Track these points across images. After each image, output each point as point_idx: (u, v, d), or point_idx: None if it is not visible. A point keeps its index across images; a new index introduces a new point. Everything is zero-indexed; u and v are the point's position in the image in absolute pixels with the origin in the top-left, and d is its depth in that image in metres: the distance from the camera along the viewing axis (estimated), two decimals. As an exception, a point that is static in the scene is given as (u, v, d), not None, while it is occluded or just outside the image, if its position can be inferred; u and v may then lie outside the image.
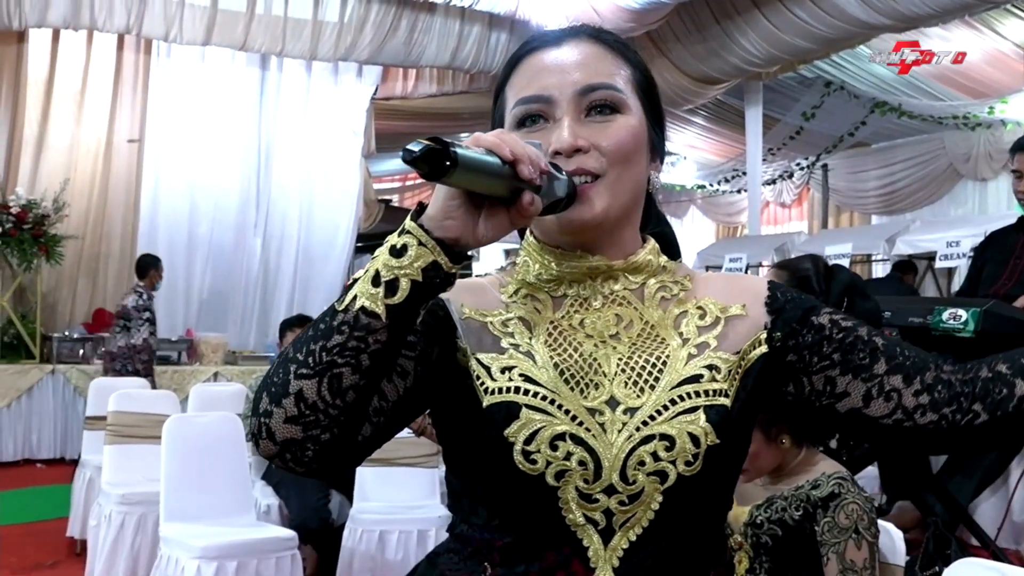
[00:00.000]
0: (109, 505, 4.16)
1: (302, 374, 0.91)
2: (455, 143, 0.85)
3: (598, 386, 0.98)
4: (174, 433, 3.66)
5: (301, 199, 10.05)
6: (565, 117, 1.02)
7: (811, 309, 1.04)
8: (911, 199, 12.06)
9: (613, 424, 0.96)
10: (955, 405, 0.97)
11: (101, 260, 8.98)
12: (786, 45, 8.87)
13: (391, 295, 0.90)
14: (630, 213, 1.07)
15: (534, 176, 0.90)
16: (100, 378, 5.88)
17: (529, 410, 0.96)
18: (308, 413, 0.91)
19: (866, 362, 1.00)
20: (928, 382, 0.98)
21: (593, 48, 1.06)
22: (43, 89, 8.80)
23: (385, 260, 0.91)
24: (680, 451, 0.94)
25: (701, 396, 0.97)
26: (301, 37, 9.21)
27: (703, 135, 13.26)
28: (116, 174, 9.15)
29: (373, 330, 0.90)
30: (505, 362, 1.00)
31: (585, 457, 0.94)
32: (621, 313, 1.05)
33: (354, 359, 0.90)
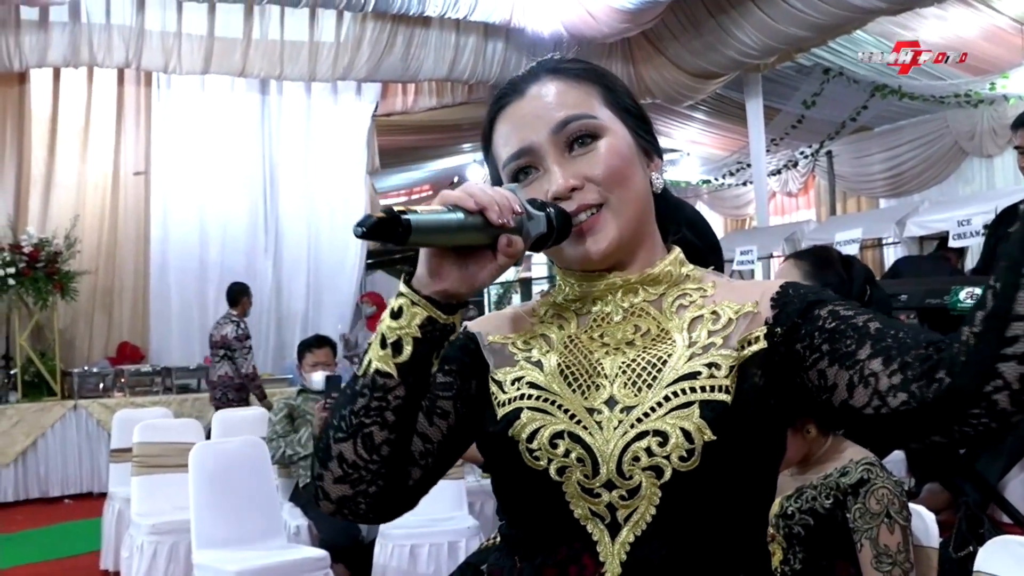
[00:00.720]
0: (140, 536, 4.18)
1: (339, 438, 1.01)
2: (409, 209, 0.90)
3: (599, 387, 1.02)
4: (200, 460, 3.68)
5: (309, 220, 10.09)
6: (552, 161, 1.06)
7: (817, 302, 1.00)
8: (918, 180, 12.03)
9: (610, 422, 0.99)
10: (924, 380, 0.85)
11: (115, 293, 9.04)
12: (781, 35, 8.87)
13: (398, 354, 0.99)
14: (642, 226, 1.09)
15: (504, 219, 0.96)
16: (122, 410, 5.90)
17: (530, 411, 1.02)
18: (351, 472, 1.01)
19: (851, 348, 0.92)
20: (908, 360, 0.88)
21: (554, 84, 1.09)
22: (47, 127, 8.87)
23: (388, 323, 1.00)
24: (674, 447, 0.95)
25: (697, 392, 0.97)
26: (299, 59, 9.27)
27: (705, 130, 13.26)
28: (125, 207, 9.21)
29: (390, 388, 0.99)
30: (515, 374, 1.07)
31: (582, 454, 0.98)
32: (639, 324, 1.07)
33: (379, 417, 1.00)
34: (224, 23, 8.94)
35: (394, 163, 12.13)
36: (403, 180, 14.85)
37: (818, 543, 1.88)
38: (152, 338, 9.21)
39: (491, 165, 1.15)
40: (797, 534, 1.90)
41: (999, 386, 0.80)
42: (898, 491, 1.86)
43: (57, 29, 8.28)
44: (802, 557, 1.90)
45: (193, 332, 9.38)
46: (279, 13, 9.11)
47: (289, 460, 4.52)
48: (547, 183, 1.05)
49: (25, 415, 7.35)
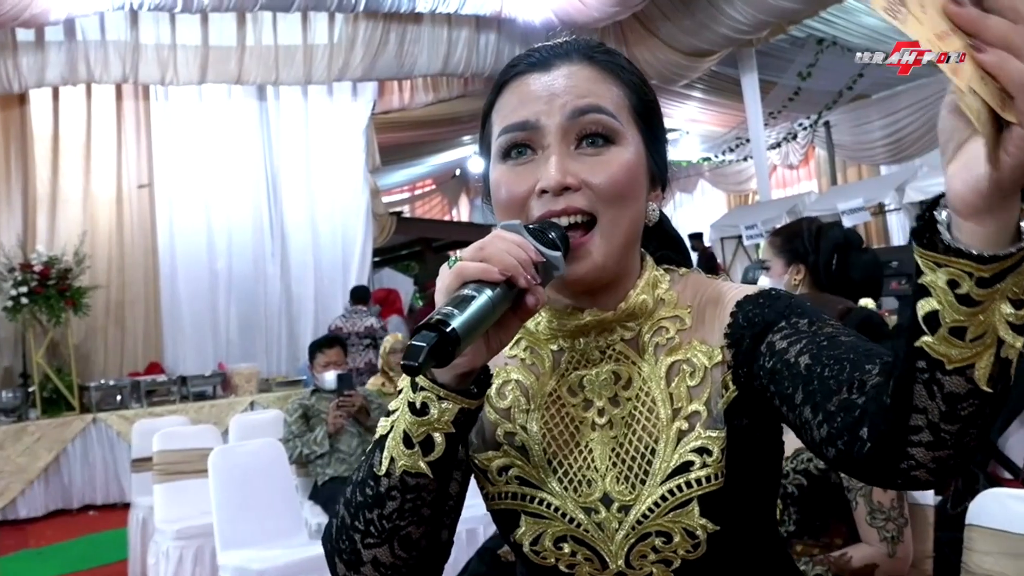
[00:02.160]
0: (166, 542, 4.27)
1: (370, 544, 0.92)
2: (446, 316, 0.80)
3: (591, 483, 0.97)
4: (220, 464, 3.75)
5: (313, 222, 10.15)
6: (553, 149, 0.95)
7: (764, 331, 0.93)
8: (918, 144, 12.02)
9: (609, 523, 0.95)
10: (848, 436, 0.80)
11: (127, 306, 9.13)
12: (772, 8, 8.88)
13: (429, 452, 0.88)
14: (628, 254, 1.00)
15: (533, 280, 0.86)
16: (141, 421, 5.99)
17: (528, 516, 0.98)
18: (391, 573, 0.94)
19: (789, 392, 0.88)
20: (831, 409, 0.82)
21: (585, 69, 0.98)
22: (50, 146, 8.94)
23: (410, 420, 0.88)
24: (679, 544, 0.93)
25: (692, 486, 0.92)
26: (294, 63, 9.32)
27: (703, 108, 13.27)
28: (131, 220, 9.29)
29: (423, 487, 0.90)
30: (500, 461, 1.00)
31: (589, 554, 0.96)
32: (618, 370, 0.99)
33: (416, 516, 0.91)
34: (218, 32, 9.00)
35: (395, 160, 12.19)
36: (405, 176, 14.90)
37: (812, 503, 1.94)
38: (166, 347, 9.30)
39: (484, 132, 1.03)
40: (791, 494, 1.95)
41: (913, 465, 0.75)
42: None
43: (53, 48, 8.35)
44: (796, 518, 1.95)
45: (206, 339, 9.48)
46: (271, 19, 9.17)
47: (306, 459, 4.60)
48: (538, 172, 0.95)
49: (46, 431, 7.45)
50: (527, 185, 0.96)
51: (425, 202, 17.45)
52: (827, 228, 2.29)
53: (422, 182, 16.47)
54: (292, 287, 10.05)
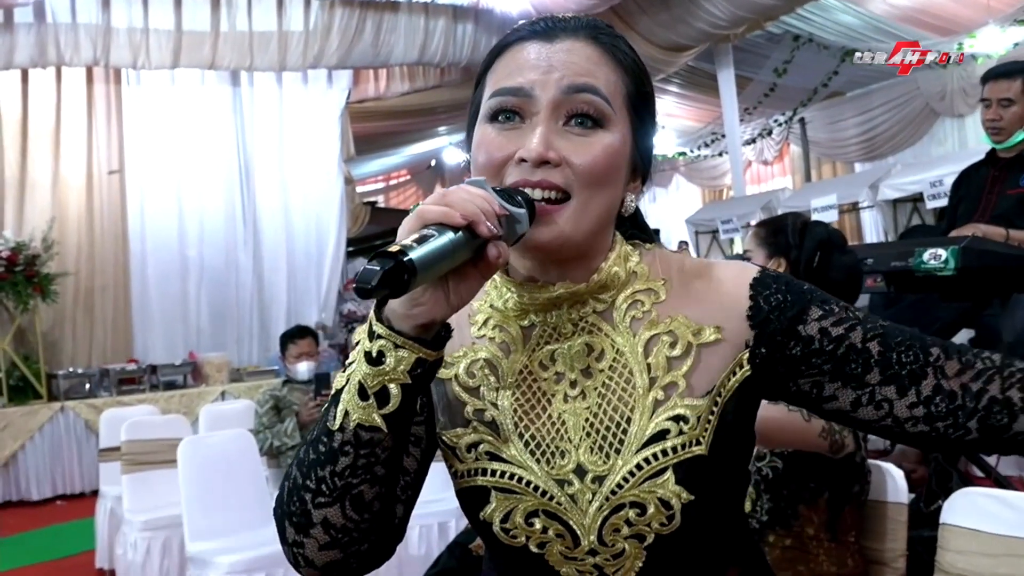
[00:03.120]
0: (133, 533, 4.22)
1: (321, 503, 0.90)
2: (404, 247, 0.79)
3: (564, 454, 0.96)
4: (189, 455, 3.71)
5: (286, 210, 10.07)
6: (540, 120, 0.94)
7: (798, 316, 0.97)
8: (891, 143, 12.11)
9: (583, 494, 0.94)
10: (950, 420, 0.93)
11: (97, 293, 9.01)
12: (749, 4, 8.90)
13: (384, 404, 0.86)
14: (598, 236, 0.99)
15: (495, 229, 0.85)
16: (109, 410, 5.92)
17: (498, 492, 0.96)
18: (341, 536, 0.91)
19: (858, 372, 0.94)
20: (926, 393, 0.93)
21: (587, 48, 0.97)
22: (18, 130, 8.80)
23: (365, 370, 0.86)
24: (653, 515, 0.93)
25: (668, 454, 0.93)
26: (268, 50, 9.22)
27: (679, 102, 13.29)
28: (101, 206, 9.16)
29: (378, 442, 0.88)
30: (470, 438, 0.98)
31: (561, 529, 0.95)
32: (591, 342, 0.99)
33: (368, 474, 0.89)
34: (191, 17, 8.87)
35: (370, 149, 12.10)
36: (380, 166, 14.81)
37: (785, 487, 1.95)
38: (136, 335, 9.19)
39: (475, 98, 1.02)
40: (766, 476, 1.96)
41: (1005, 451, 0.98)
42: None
43: (22, 30, 8.19)
44: (769, 507, 1.96)
45: (176, 328, 9.38)
46: (246, 4, 9.06)
47: (277, 451, 4.56)
48: (522, 141, 0.94)
49: (12, 419, 7.35)
50: (508, 150, 0.95)
51: (400, 192, 17.36)
52: (813, 225, 2.30)
53: (397, 172, 16.39)
54: (264, 276, 9.97)
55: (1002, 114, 3.48)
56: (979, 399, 0.93)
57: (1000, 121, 3.48)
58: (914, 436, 0.95)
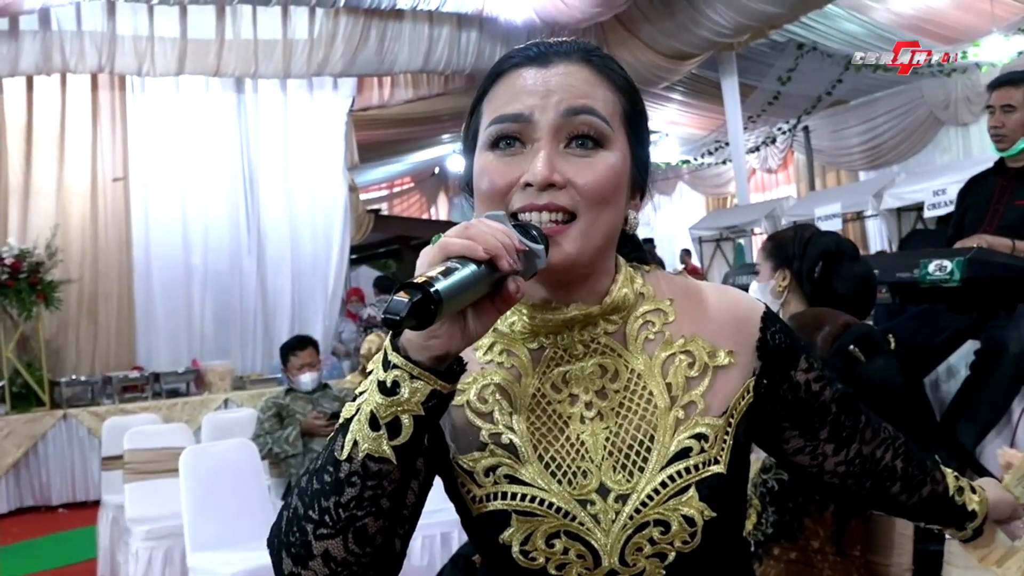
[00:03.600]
0: (135, 542, 4.21)
1: (323, 535, 0.87)
2: (431, 279, 0.79)
3: (586, 474, 0.96)
4: (191, 465, 3.71)
5: (290, 217, 10.07)
6: (543, 144, 0.95)
7: (793, 362, 1.07)
8: (896, 151, 12.11)
9: (606, 514, 0.94)
10: (853, 481, 1.13)
11: (100, 300, 9.02)
12: (753, 12, 8.90)
13: (395, 436, 0.85)
14: (603, 256, 1.00)
15: (515, 264, 0.85)
16: (112, 418, 5.92)
17: (518, 515, 0.95)
18: (340, 570, 0.88)
19: (815, 427, 1.09)
20: (851, 455, 1.11)
21: (582, 70, 0.98)
22: (23, 136, 8.81)
23: (379, 400, 0.85)
24: (676, 533, 0.93)
25: (692, 472, 0.95)
26: (273, 57, 9.23)
27: (683, 110, 13.30)
28: (105, 213, 9.17)
29: (386, 474, 0.86)
30: (487, 462, 0.97)
31: (582, 550, 0.94)
32: (604, 363, 0.99)
33: (374, 507, 0.87)
34: (196, 24, 8.89)
35: (373, 157, 12.11)
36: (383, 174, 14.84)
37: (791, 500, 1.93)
38: (139, 343, 9.20)
39: (472, 121, 1.03)
40: (771, 488, 1.94)
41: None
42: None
43: (28, 37, 8.22)
44: (774, 520, 1.94)
45: (180, 335, 9.37)
46: (251, 12, 9.07)
47: (276, 457, 4.55)
48: (524, 166, 0.95)
49: (15, 427, 7.35)
50: (512, 176, 0.96)
51: (403, 200, 17.39)
52: (818, 235, 2.28)
53: (400, 180, 16.41)
54: (268, 283, 9.97)
55: (1004, 120, 3.47)
56: (877, 464, 1.13)
57: (1002, 128, 3.47)
58: (825, 485, 1.14)
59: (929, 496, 1.21)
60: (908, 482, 1.17)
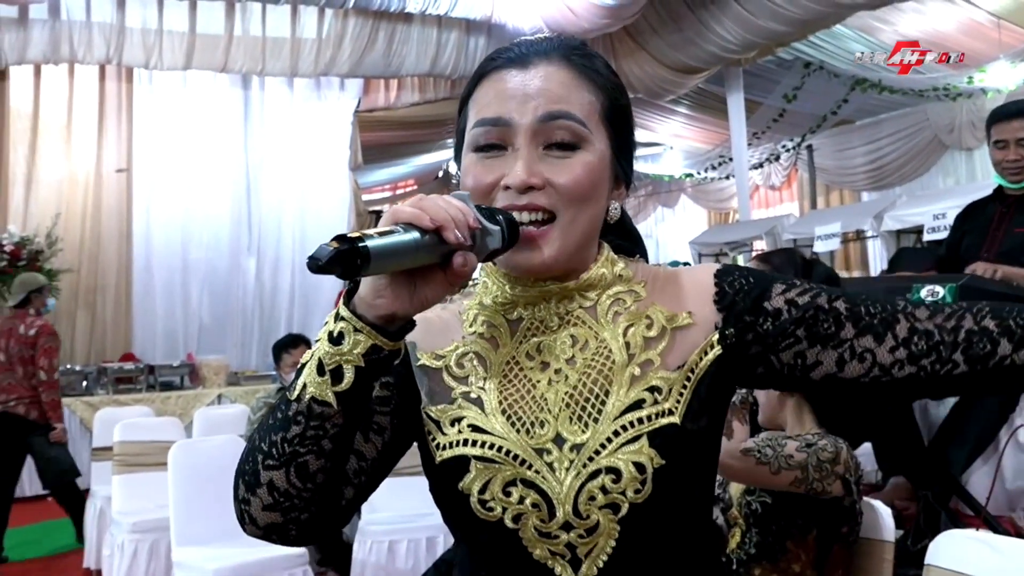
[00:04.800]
0: (121, 534, 4.21)
1: (269, 465, 0.94)
2: (364, 235, 0.83)
3: (543, 424, 0.99)
4: (180, 459, 3.71)
5: (292, 216, 10.10)
6: (522, 148, 0.99)
7: (762, 294, 1.02)
8: (899, 173, 12.11)
9: (561, 463, 0.97)
10: (934, 355, 0.96)
11: (98, 291, 9.03)
12: (761, 29, 8.92)
13: (338, 383, 0.91)
14: (584, 246, 1.05)
15: (461, 239, 0.89)
16: (104, 409, 5.93)
17: (478, 461, 0.98)
18: (283, 500, 0.95)
19: (832, 331, 0.99)
20: (903, 335, 0.97)
21: (561, 72, 1.02)
22: (29, 124, 8.85)
23: (326, 348, 0.92)
24: (627, 481, 0.95)
25: (644, 423, 0.97)
26: (281, 55, 9.26)
27: (687, 124, 13.31)
28: (107, 204, 9.20)
29: (327, 417, 0.92)
30: (454, 413, 1.02)
31: (537, 499, 0.97)
32: (576, 334, 1.04)
33: (315, 446, 0.93)
34: (205, 19, 8.92)
35: (377, 159, 12.12)
36: (386, 175, 14.83)
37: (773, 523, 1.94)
38: (136, 335, 9.21)
39: (460, 120, 1.07)
40: (755, 511, 1.95)
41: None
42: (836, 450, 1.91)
43: (37, 26, 8.25)
44: (757, 540, 1.95)
45: (176, 329, 9.40)
46: (260, 9, 9.11)
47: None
48: (506, 168, 1.00)
49: (8, 413, 7.34)
50: (494, 176, 1.01)
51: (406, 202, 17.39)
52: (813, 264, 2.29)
53: (404, 182, 16.41)
54: (267, 281, 9.99)
55: (1022, 154, 3.45)
56: (956, 333, 0.96)
57: (1021, 161, 3.45)
58: (904, 381, 0.98)
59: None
60: (1015, 333, 0.95)
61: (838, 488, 1.90)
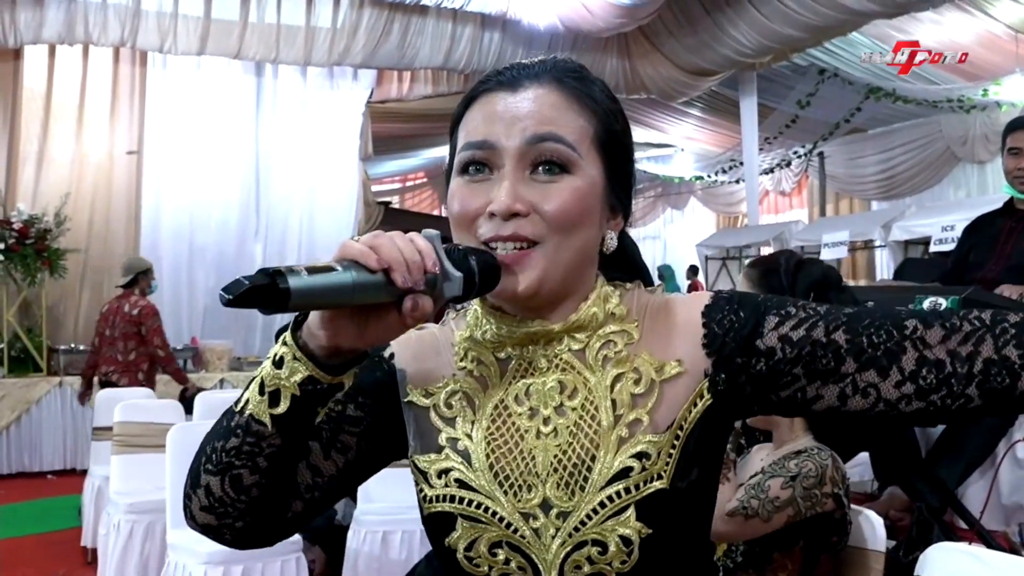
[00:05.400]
0: (118, 514, 4.22)
1: (208, 469, 0.95)
2: (292, 271, 0.79)
3: (531, 488, 0.96)
4: (178, 441, 3.71)
5: (301, 204, 10.11)
6: (507, 172, 0.96)
7: (753, 332, 0.96)
8: (910, 183, 12.08)
9: (547, 529, 0.95)
10: (944, 390, 0.89)
11: (105, 272, 9.04)
12: (777, 35, 8.91)
13: (274, 406, 0.91)
14: (573, 280, 1.00)
15: (409, 283, 0.85)
16: (106, 389, 5.94)
17: (464, 520, 0.97)
18: (217, 506, 0.96)
19: (831, 366, 0.92)
20: (910, 368, 0.90)
21: (552, 94, 0.98)
22: (42, 104, 8.87)
23: (267, 370, 0.91)
24: (614, 554, 0.93)
25: (632, 492, 0.93)
26: (295, 44, 9.28)
27: (700, 126, 13.30)
28: (117, 186, 9.22)
29: (264, 436, 0.92)
30: (442, 464, 0.99)
31: (523, 563, 0.96)
32: (564, 380, 0.99)
33: (250, 462, 0.93)
34: (221, 5, 8.94)
35: (388, 150, 12.14)
36: (396, 167, 14.86)
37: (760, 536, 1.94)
38: (141, 318, 9.22)
39: (452, 142, 1.03)
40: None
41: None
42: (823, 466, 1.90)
43: (53, 6, 8.27)
44: (744, 550, 1.95)
45: (182, 312, 9.43)
46: (276, -3, 9.14)
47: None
48: (491, 194, 0.95)
49: (11, 390, 7.39)
50: (479, 202, 0.97)
51: (416, 195, 17.41)
52: (806, 264, 2.27)
53: (414, 174, 16.43)
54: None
55: None
56: (972, 362, 0.88)
57: None
58: (913, 415, 0.91)
59: None
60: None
61: (830, 505, 1.90)
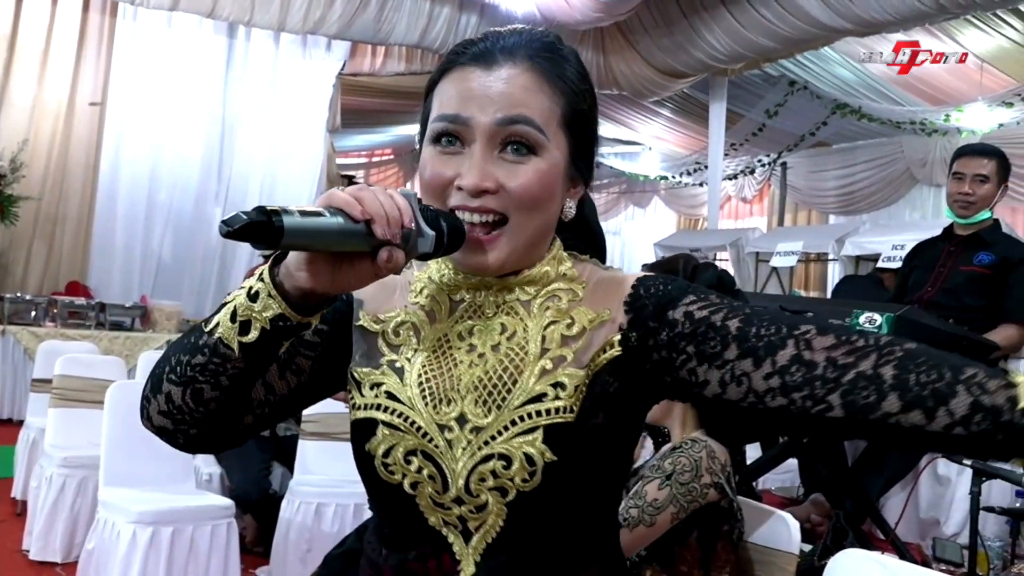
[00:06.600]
0: (51, 467, 4.19)
1: (171, 379, 1.03)
2: (285, 211, 0.83)
3: (451, 402, 1.02)
4: (117, 399, 3.69)
5: (263, 171, 10.01)
6: (477, 149, 1.01)
7: (669, 303, 1.01)
8: (868, 200, 12.26)
9: (459, 442, 1.01)
10: (806, 390, 0.89)
11: (58, 222, 8.92)
12: (750, 43, 8.99)
13: (244, 334, 0.97)
14: (535, 247, 1.07)
15: (388, 235, 0.91)
16: (49, 341, 5.87)
17: (385, 427, 1.03)
18: (176, 413, 1.04)
19: (717, 350, 0.95)
20: (782, 362, 0.91)
21: (524, 76, 1.02)
22: (5, 46, 8.68)
23: (241, 300, 0.97)
24: (517, 470, 0.98)
25: (542, 415, 0.99)
26: (270, 8, 9.17)
27: (668, 127, 13.38)
28: (77, 136, 9.06)
29: (229, 359, 0.99)
30: (375, 378, 1.07)
31: (433, 471, 1.01)
32: (507, 323, 1.06)
33: (213, 379, 1.01)
34: (197, -38, 8.82)
35: (356, 123, 12.06)
36: (364, 142, 14.77)
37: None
38: (91, 270, 9.11)
39: (424, 109, 1.09)
40: (635, 516, 1.99)
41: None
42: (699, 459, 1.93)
43: (23, -52, 8.11)
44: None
45: (134, 270, 9.30)
46: (254, -42, 9.02)
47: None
48: (461, 167, 1.01)
49: (-48, 334, 7.27)
50: (450, 173, 1.03)
51: (382, 171, 17.30)
52: (703, 268, 2.31)
53: (381, 150, 16.34)
54: (232, 231, 9.88)
55: (975, 189, 3.58)
56: (844, 372, 0.88)
57: (972, 196, 3.58)
58: (776, 412, 0.91)
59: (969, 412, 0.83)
60: (910, 392, 0.85)
61: (713, 495, 1.95)
